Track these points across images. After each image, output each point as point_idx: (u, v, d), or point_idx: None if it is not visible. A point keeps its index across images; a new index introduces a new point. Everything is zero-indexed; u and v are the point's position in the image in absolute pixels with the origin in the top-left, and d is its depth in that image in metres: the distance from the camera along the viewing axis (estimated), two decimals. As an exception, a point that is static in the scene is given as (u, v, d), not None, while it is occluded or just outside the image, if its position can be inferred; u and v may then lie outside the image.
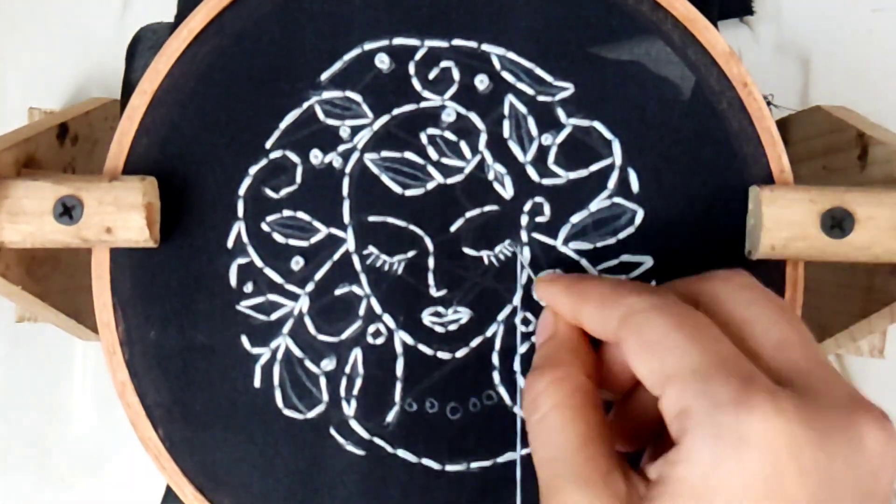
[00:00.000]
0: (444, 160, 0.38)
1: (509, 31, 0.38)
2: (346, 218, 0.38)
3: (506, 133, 0.38)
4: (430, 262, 0.38)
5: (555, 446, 0.30)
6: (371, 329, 0.38)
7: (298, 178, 0.38)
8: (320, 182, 0.38)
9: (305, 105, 0.38)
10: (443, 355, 0.38)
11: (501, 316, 0.38)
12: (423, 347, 0.38)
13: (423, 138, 0.38)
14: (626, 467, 0.29)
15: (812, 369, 0.28)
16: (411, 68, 0.38)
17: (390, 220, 0.38)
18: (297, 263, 0.38)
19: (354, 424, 0.38)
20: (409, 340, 0.38)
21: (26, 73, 0.55)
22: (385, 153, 0.38)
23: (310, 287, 0.38)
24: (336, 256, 0.38)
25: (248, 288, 0.38)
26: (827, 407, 0.26)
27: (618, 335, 0.30)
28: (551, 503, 0.29)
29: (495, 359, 0.38)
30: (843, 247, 0.35)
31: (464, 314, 0.38)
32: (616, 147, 0.38)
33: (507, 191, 0.38)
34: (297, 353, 0.38)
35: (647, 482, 0.28)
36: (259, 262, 0.38)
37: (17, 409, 0.54)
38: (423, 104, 0.38)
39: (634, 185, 0.37)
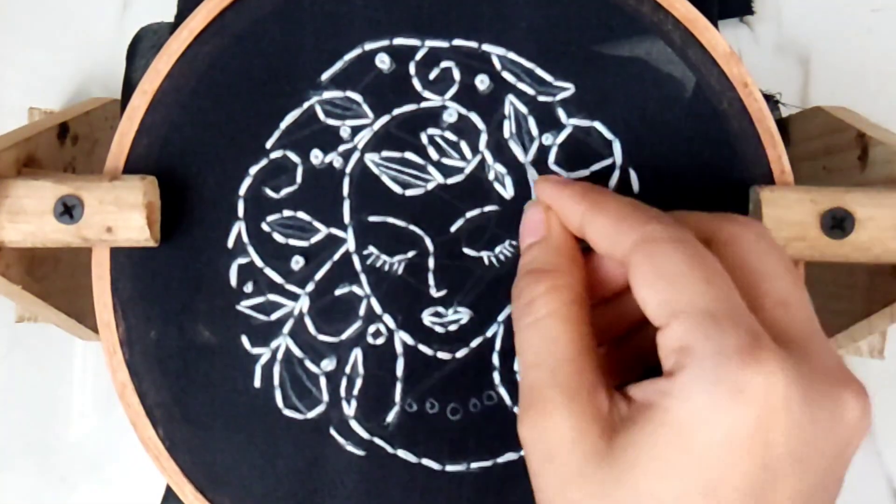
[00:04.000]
0: (445, 160, 0.38)
1: (510, 31, 0.38)
2: (347, 218, 0.38)
3: (506, 133, 0.38)
4: (431, 262, 0.38)
5: (546, 354, 0.30)
6: (371, 329, 0.38)
7: (299, 178, 0.38)
8: (321, 182, 0.38)
9: (306, 105, 0.38)
10: (443, 356, 0.38)
11: (502, 316, 0.38)
12: (423, 348, 0.38)
13: (424, 138, 0.38)
14: (610, 385, 0.29)
15: (810, 334, 0.29)
16: (412, 68, 0.38)
17: (390, 220, 0.38)
18: (297, 263, 0.38)
19: (354, 424, 0.38)
20: (410, 341, 0.38)
21: (26, 73, 0.55)
22: (385, 153, 0.38)
23: (310, 287, 0.38)
24: (336, 256, 0.38)
25: (249, 288, 0.38)
26: (819, 373, 0.27)
27: (629, 258, 0.29)
28: (531, 410, 0.29)
29: (495, 359, 0.38)
30: (844, 247, 0.35)
31: (464, 314, 0.38)
32: (616, 147, 0.38)
33: (507, 191, 0.38)
34: (298, 353, 0.38)
35: (628, 402, 0.28)
36: (259, 262, 0.38)
37: (17, 409, 0.54)
38: (424, 104, 0.38)
39: (635, 186, 0.37)
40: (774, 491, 0.26)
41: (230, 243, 0.38)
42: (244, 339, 0.38)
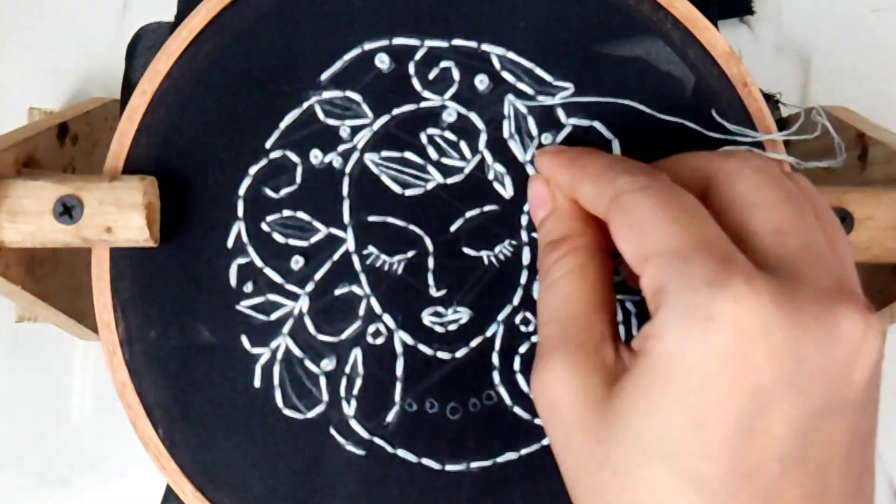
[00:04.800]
0: (444, 160, 0.38)
1: (509, 30, 0.38)
2: (346, 218, 0.38)
3: (506, 133, 0.38)
4: (430, 261, 0.38)
5: (557, 309, 0.31)
6: (371, 329, 0.38)
7: (298, 178, 0.38)
8: (320, 182, 0.38)
9: (305, 105, 0.38)
10: (443, 355, 0.38)
11: (501, 316, 0.38)
12: (423, 347, 0.38)
13: (423, 138, 0.38)
14: (619, 339, 0.30)
15: (803, 257, 0.28)
16: (411, 68, 0.38)
17: (390, 219, 0.38)
18: (296, 263, 0.38)
19: (354, 424, 0.38)
20: (409, 340, 0.38)
21: (26, 73, 0.55)
22: (385, 153, 0.38)
23: (310, 287, 0.38)
24: (336, 256, 0.38)
25: (248, 288, 0.38)
26: (806, 293, 0.27)
27: (607, 215, 0.30)
28: (541, 363, 0.30)
29: (495, 359, 0.38)
30: (843, 247, 0.35)
31: (464, 314, 0.38)
32: (616, 147, 0.38)
33: (507, 190, 0.38)
34: (297, 352, 0.38)
35: (631, 352, 0.29)
36: (259, 262, 0.38)
37: (17, 409, 0.54)
38: (424, 104, 0.38)
39: (634, 185, 0.37)
40: (767, 417, 0.26)
41: (230, 243, 0.38)
42: (244, 339, 0.38)
